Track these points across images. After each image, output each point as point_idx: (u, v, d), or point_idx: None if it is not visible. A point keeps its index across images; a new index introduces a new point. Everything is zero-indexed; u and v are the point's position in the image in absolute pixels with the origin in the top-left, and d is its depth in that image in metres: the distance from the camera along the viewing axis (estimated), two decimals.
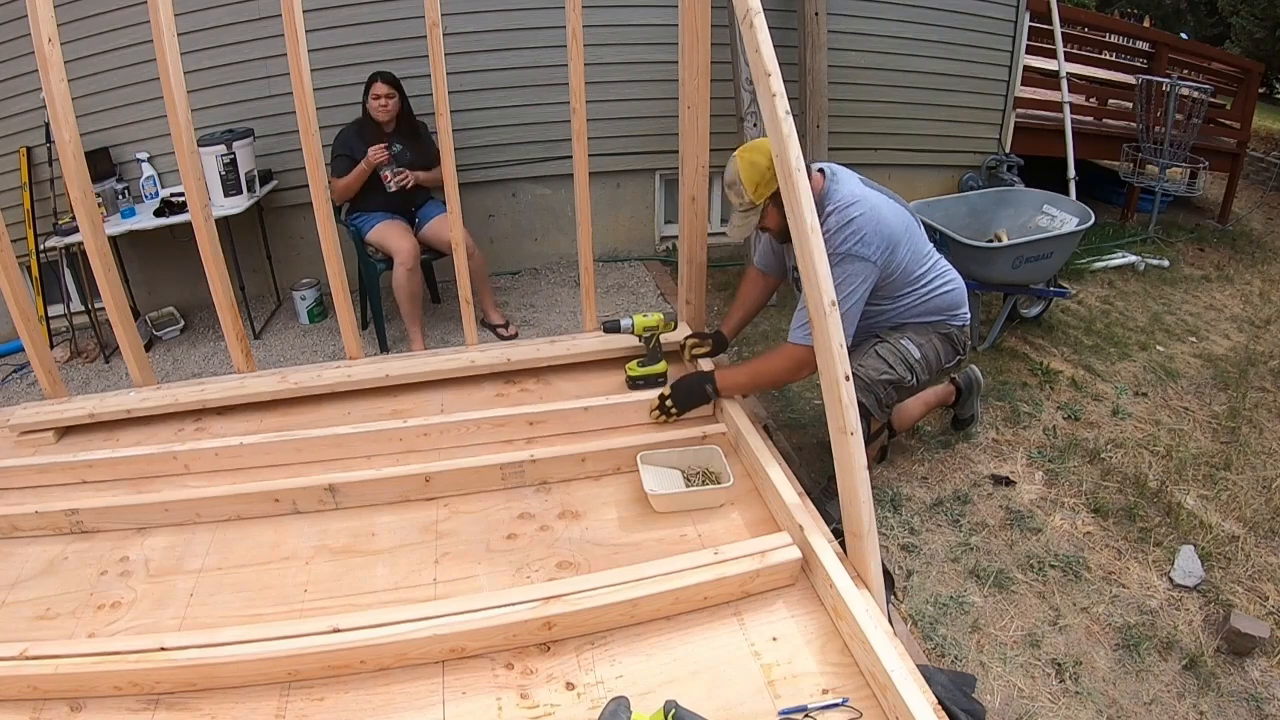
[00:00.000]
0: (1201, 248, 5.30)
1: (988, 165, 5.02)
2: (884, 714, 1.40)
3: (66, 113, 2.17)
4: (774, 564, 1.65)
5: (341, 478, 1.99)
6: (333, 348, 3.66)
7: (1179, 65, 5.87)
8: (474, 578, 1.78)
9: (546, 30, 3.87)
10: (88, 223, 2.29)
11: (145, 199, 3.57)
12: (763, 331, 3.73)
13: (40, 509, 1.94)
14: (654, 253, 4.73)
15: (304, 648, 1.47)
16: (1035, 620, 2.09)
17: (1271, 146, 8.66)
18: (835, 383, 1.68)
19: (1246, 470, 2.79)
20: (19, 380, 3.53)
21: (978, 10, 4.64)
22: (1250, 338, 3.96)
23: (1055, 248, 3.50)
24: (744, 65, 3.62)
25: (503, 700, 1.44)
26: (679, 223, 2.66)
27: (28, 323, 2.38)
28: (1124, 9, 14.45)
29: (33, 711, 1.44)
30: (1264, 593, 2.22)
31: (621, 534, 1.90)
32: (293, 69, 2.20)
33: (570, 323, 3.84)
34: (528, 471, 2.07)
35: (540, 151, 4.22)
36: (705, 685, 1.47)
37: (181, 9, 2.24)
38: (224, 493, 1.98)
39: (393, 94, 3.34)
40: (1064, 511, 2.51)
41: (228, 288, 2.47)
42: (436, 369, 2.56)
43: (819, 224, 1.76)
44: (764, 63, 1.73)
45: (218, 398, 2.44)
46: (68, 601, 1.74)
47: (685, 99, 2.43)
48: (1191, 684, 1.93)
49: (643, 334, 2.45)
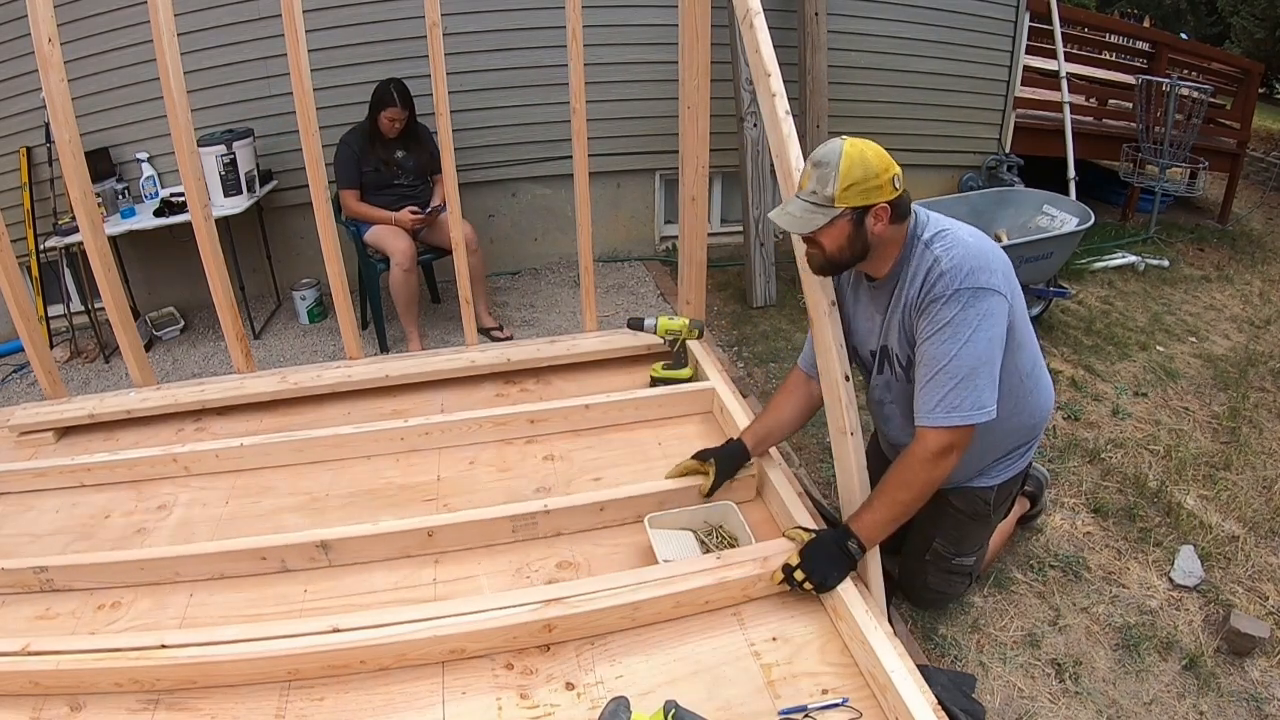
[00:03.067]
0: (1201, 248, 5.30)
1: (988, 165, 5.02)
2: (884, 714, 1.40)
3: (66, 113, 2.17)
4: (776, 569, 1.65)
5: (335, 533, 1.82)
6: (333, 348, 3.66)
7: (1179, 65, 5.86)
8: (474, 578, 1.78)
9: (546, 30, 3.87)
10: (88, 223, 2.29)
11: (145, 199, 3.57)
12: (763, 331, 3.72)
13: (6, 565, 1.79)
14: (654, 253, 4.73)
15: (304, 647, 1.47)
16: (1035, 620, 2.09)
17: (1271, 146, 8.65)
18: (835, 383, 1.68)
19: (1246, 470, 2.79)
20: (19, 380, 3.53)
21: (978, 10, 4.64)
22: (1250, 338, 3.96)
23: (1055, 248, 3.50)
24: (744, 65, 3.62)
25: (503, 700, 1.45)
26: (679, 223, 2.67)
27: (28, 323, 2.38)
28: (1124, 9, 14.45)
29: (33, 710, 1.44)
30: (1264, 593, 2.22)
31: None
32: (293, 69, 2.20)
33: (570, 323, 3.84)
34: (541, 523, 1.89)
35: (540, 151, 4.22)
36: (705, 685, 1.47)
37: (181, 9, 2.24)
38: (205, 550, 1.81)
39: (404, 113, 3.34)
40: (1064, 511, 2.51)
41: (228, 288, 2.47)
42: (436, 369, 2.56)
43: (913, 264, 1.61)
44: (764, 63, 1.73)
45: (218, 398, 2.44)
46: (67, 602, 1.74)
47: (685, 99, 2.43)
48: (1191, 684, 1.93)
49: (665, 335, 2.44)
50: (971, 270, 1.55)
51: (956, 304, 1.54)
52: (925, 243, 1.63)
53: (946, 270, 1.56)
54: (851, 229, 1.59)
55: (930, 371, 1.58)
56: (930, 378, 1.58)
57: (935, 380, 1.57)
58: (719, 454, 1.93)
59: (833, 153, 1.56)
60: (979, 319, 1.54)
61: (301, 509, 2.03)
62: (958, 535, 1.90)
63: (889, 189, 1.57)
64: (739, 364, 3.43)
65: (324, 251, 2.45)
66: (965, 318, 1.54)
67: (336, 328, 2.98)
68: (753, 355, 3.52)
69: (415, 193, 3.52)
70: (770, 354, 3.51)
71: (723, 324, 3.84)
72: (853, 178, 1.54)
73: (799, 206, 1.61)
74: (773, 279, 4.05)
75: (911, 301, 1.63)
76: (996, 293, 1.56)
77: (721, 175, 4.58)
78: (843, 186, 1.54)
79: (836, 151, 1.56)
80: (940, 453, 1.57)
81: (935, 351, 1.57)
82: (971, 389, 1.54)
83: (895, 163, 1.61)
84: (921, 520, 1.83)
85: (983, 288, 1.55)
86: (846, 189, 1.55)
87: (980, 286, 1.55)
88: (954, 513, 1.87)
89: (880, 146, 1.60)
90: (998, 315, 1.56)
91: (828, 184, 1.55)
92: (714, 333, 3.69)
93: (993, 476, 1.85)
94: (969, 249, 1.59)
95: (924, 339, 1.60)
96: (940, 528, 1.89)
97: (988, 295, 1.55)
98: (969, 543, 1.92)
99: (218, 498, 2.09)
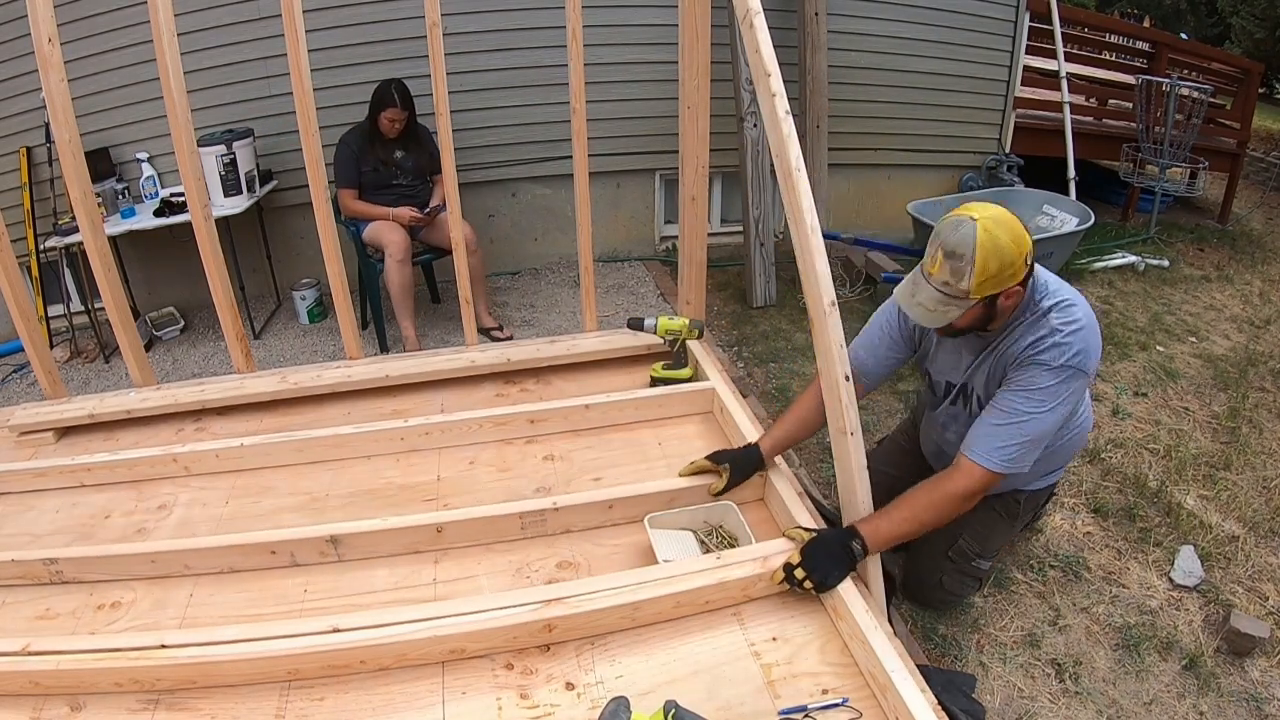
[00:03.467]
0: (1201, 248, 5.30)
1: (988, 165, 5.02)
2: (884, 714, 1.40)
3: (66, 113, 2.17)
4: (776, 569, 1.65)
5: (345, 528, 1.83)
6: (333, 348, 3.66)
7: (1179, 65, 5.86)
8: (474, 578, 1.78)
9: (546, 30, 3.87)
10: (88, 223, 2.29)
11: (145, 199, 3.57)
12: (763, 332, 3.73)
13: (16, 557, 1.79)
14: (654, 253, 4.73)
15: (304, 647, 1.47)
16: (1035, 620, 2.09)
17: (1271, 146, 8.66)
18: (835, 383, 1.68)
19: (1246, 470, 2.79)
20: (19, 380, 3.53)
21: (978, 10, 4.64)
22: (1250, 338, 3.96)
23: (1055, 248, 3.50)
24: (744, 65, 3.62)
25: (503, 700, 1.44)
26: (679, 223, 2.66)
27: (28, 323, 2.38)
28: (1124, 9, 14.46)
29: (33, 710, 1.44)
30: (1264, 593, 2.22)
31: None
32: (293, 69, 2.20)
33: (570, 323, 3.84)
34: (549, 520, 1.89)
35: (540, 151, 4.22)
36: (705, 685, 1.47)
37: (181, 9, 2.24)
38: (215, 544, 1.81)
39: (404, 114, 3.34)
40: (1064, 511, 2.51)
41: (228, 288, 2.47)
42: (437, 369, 2.56)
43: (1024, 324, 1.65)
44: (764, 63, 1.73)
45: (218, 398, 2.44)
46: (67, 602, 1.74)
47: (685, 99, 2.43)
48: (1191, 684, 1.93)
49: (665, 335, 2.44)
50: (1080, 352, 1.61)
51: (1057, 376, 1.61)
52: (1044, 311, 1.66)
53: (1062, 344, 1.61)
54: (983, 310, 1.62)
55: (1003, 419, 1.64)
56: (1001, 424, 1.63)
57: (1005, 429, 1.63)
58: (735, 457, 1.91)
59: (966, 243, 1.51)
60: (1067, 395, 1.62)
61: (301, 509, 2.03)
62: (985, 534, 1.96)
63: (1022, 270, 1.58)
64: (739, 364, 3.43)
65: (324, 251, 2.45)
66: (1057, 391, 1.61)
67: (336, 328, 2.98)
68: (753, 355, 3.52)
69: (414, 193, 3.52)
70: (770, 354, 3.51)
71: (723, 324, 3.85)
72: (989, 272, 1.52)
73: (931, 298, 1.59)
74: (773, 279, 4.05)
75: (1013, 355, 1.69)
76: (1086, 375, 1.64)
77: (721, 175, 4.58)
78: (979, 281, 1.53)
79: (970, 242, 1.51)
80: (978, 490, 1.64)
81: (1018, 405, 1.63)
82: (1030, 450, 1.64)
83: (1028, 235, 1.60)
84: None
85: (1082, 370, 1.62)
86: (982, 282, 1.53)
87: (1081, 369, 1.62)
88: (984, 510, 1.90)
89: (1008, 214, 1.58)
90: (1077, 395, 1.66)
91: (963, 278, 1.53)
92: (714, 333, 3.69)
93: (1028, 485, 1.96)
94: (1085, 331, 1.63)
95: (1011, 388, 1.66)
96: (969, 525, 1.93)
97: (1081, 378, 1.63)
98: (993, 543, 1.99)
99: (218, 498, 2.09)
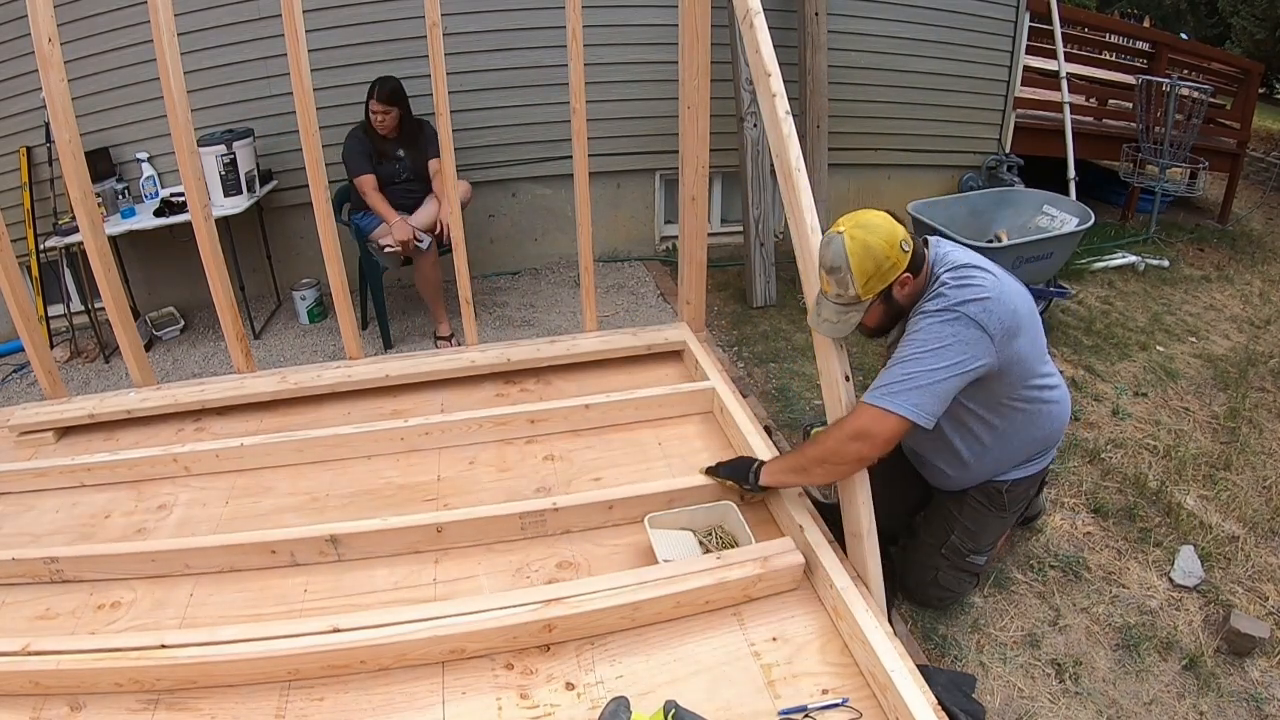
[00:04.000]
0: (1201, 248, 5.30)
1: (988, 165, 5.02)
2: (884, 714, 1.40)
3: (66, 113, 2.17)
4: (777, 569, 1.65)
5: (345, 528, 1.83)
6: (333, 348, 3.66)
7: (1179, 65, 5.86)
8: (474, 578, 1.78)
9: (546, 30, 3.87)
10: (88, 223, 2.29)
11: (145, 199, 3.57)
12: (763, 332, 3.72)
13: (17, 556, 1.80)
14: (654, 253, 4.73)
15: (304, 647, 1.47)
16: (1035, 620, 2.09)
17: (1271, 146, 8.65)
18: (835, 383, 1.69)
19: (1246, 470, 2.79)
20: (19, 380, 3.53)
21: (978, 10, 4.64)
22: (1250, 338, 3.95)
23: (1055, 248, 3.50)
24: (744, 65, 3.62)
25: (503, 700, 1.45)
26: (679, 223, 2.67)
27: (28, 323, 2.38)
28: (1124, 9, 14.45)
29: (33, 710, 1.44)
30: (1264, 593, 2.22)
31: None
32: (293, 69, 2.20)
33: (570, 323, 3.84)
34: (549, 520, 1.90)
35: (540, 151, 4.22)
36: (705, 685, 1.47)
37: (181, 9, 2.24)
38: (215, 544, 1.81)
39: (390, 109, 3.30)
40: (1064, 511, 2.51)
41: (228, 288, 2.47)
42: (436, 369, 2.56)
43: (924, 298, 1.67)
44: (764, 63, 1.74)
45: (218, 398, 2.44)
46: (67, 602, 1.74)
47: (685, 99, 2.43)
48: (1191, 684, 1.93)
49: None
50: (965, 302, 1.61)
51: (937, 319, 1.62)
52: (939, 280, 1.70)
53: (945, 294, 1.65)
54: (884, 305, 1.70)
55: (890, 365, 1.66)
56: (887, 369, 1.66)
57: (889, 370, 1.64)
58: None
59: (839, 255, 1.61)
60: (949, 338, 1.59)
61: (301, 509, 2.03)
62: (976, 528, 1.96)
63: (901, 259, 1.63)
64: (739, 364, 3.43)
65: (324, 251, 2.45)
66: (937, 332, 1.60)
67: (336, 328, 2.98)
68: (753, 355, 3.52)
69: (414, 192, 3.51)
70: (770, 354, 3.51)
71: (723, 324, 3.85)
72: (868, 272, 1.61)
73: (832, 311, 1.69)
74: (773, 279, 4.05)
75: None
76: (975, 323, 1.59)
77: (721, 175, 4.58)
78: (863, 283, 1.62)
79: (842, 253, 1.61)
80: (866, 431, 1.61)
81: (901, 352, 1.65)
82: (916, 392, 1.59)
83: (896, 224, 1.65)
84: (939, 515, 1.99)
85: (967, 315, 1.59)
86: (866, 282, 1.62)
87: (966, 315, 1.59)
88: (973, 503, 1.96)
89: (875, 215, 1.65)
90: (970, 343, 1.59)
91: (848, 286, 1.63)
92: (714, 333, 3.69)
93: (1008, 475, 1.95)
94: (975, 287, 1.63)
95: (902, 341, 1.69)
96: (959, 520, 1.96)
97: (968, 323, 1.59)
98: (985, 537, 1.99)
99: (218, 497, 2.09)
